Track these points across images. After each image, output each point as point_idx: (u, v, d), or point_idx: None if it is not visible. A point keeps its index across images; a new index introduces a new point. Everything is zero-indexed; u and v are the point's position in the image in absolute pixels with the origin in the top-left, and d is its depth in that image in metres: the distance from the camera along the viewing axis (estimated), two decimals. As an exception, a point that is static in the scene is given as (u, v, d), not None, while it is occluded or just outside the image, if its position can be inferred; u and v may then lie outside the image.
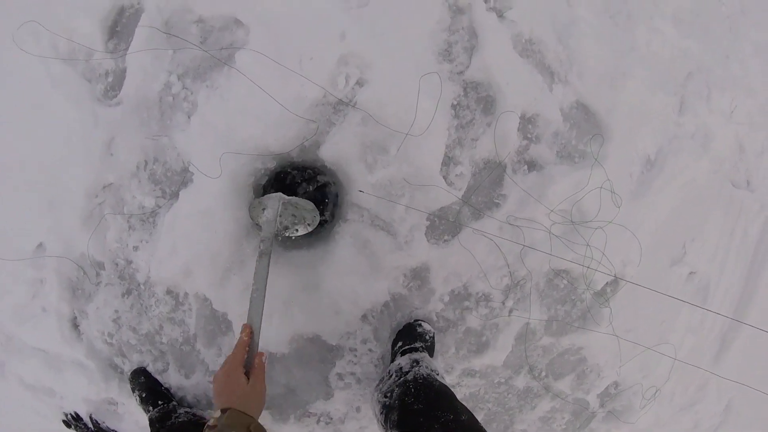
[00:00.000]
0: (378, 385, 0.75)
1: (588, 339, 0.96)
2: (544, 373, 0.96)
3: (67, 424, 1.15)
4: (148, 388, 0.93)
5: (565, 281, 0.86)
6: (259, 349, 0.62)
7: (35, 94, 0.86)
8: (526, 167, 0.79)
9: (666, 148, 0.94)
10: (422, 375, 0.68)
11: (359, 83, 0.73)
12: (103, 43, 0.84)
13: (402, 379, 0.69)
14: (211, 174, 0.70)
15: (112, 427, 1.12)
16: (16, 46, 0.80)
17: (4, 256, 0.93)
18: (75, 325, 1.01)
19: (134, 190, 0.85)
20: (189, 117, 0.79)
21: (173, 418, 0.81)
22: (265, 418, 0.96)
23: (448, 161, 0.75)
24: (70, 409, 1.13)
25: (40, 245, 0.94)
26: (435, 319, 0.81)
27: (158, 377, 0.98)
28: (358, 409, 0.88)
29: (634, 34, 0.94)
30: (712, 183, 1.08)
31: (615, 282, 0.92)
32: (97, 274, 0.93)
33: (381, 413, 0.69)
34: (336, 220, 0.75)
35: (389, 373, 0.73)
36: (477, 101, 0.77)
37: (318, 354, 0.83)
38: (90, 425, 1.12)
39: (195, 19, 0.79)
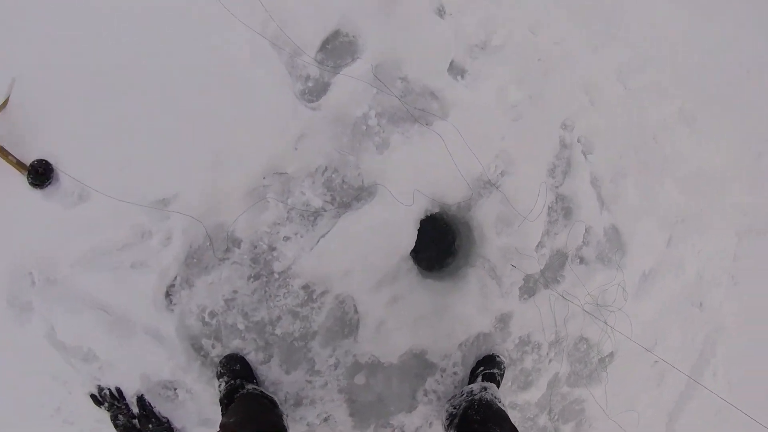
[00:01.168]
0: (450, 399, 1.09)
1: (589, 394, 1.41)
2: (556, 417, 1.38)
3: (97, 400, 1.07)
4: (240, 377, 1.01)
5: (585, 345, 1.31)
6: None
7: (231, 56, 1.07)
8: (579, 260, 1.28)
9: (656, 269, 1.52)
10: (486, 398, 1.09)
11: (503, 173, 1.33)
12: (314, 51, 1.16)
13: (470, 398, 1.05)
14: (405, 202, 1.16)
15: (164, 413, 1.09)
16: (221, 6, 1.03)
17: (112, 191, 1.01)
18: (168, 294, 1.10)
19: (305, 187, 1.15)
20: (377, 148, 1.21)
21: (240, 391, 0.96)
22: (346, 424, 1.14)
23: (540, 244, 1.21)
24: (110, 384, 1.09)
25: (165, 199, 1.05)
26: (506, 354, 1.20)
27: (255, 369, 1.10)
28: (430, 425, 1.29)
29: (654, 186, 1.51)
30: (681, 299, 1.67)
31: (612, 355, 1.40)
32: (227, 249, 1.11)
33: (447, 419, 1.05)
34: (465, 263, 1.15)
35: (462, 392, 1.11)
36: (562, 209, 1.29)
37: (417, 368, 1.22)
38: (134, 407, 1.05)
39: (402, 76, 1.25)
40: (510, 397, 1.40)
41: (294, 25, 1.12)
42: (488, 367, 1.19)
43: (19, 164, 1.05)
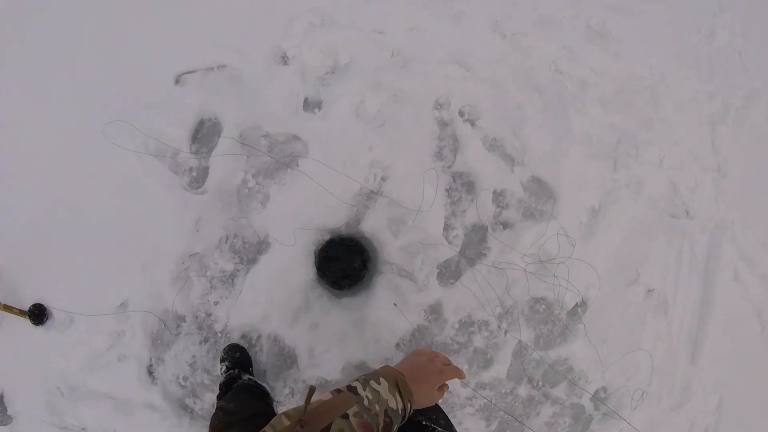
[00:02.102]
0: None
1: (570, 350, 1.35)
2: (540, 383, 1.34)
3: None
4: (239, 364, 1.16)
5: (543, 306, 1.28)
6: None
7: (129, 178, 1.30)
8: (501, 226, 1.27)
9: (606, 199, 1.43)
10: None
11: (383, 179, 1.23)
12: (188, 146, 1.32)
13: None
14: (287, 243, 1.14)
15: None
16: (106, 140, 1.25)
17: (88, 312, 1.29)
18: (150, 372, 1.34)
19: (216, 258, 1.30)
20: (262, 204, 1.25)
21: (237, 382, 1.07)
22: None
23: (447, 227, 1.24)
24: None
25: (124, 303, 1.31)
26: (450, 342, 1.23)
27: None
28: None
29: (569, 120, 1.44)
30: (651, 219, 1.55)
31: (583, 303, 1.33)
32: (178, 326, 1.31)
33: None
34: (373, 273, 1.19)
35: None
36: (462, 185, 1.26)
37: None
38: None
39: (263, 134, 1.36)
40: (473, 378, 1.32)
41: (168, 133, 1.27)
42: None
43: (21, 312, 1.32)
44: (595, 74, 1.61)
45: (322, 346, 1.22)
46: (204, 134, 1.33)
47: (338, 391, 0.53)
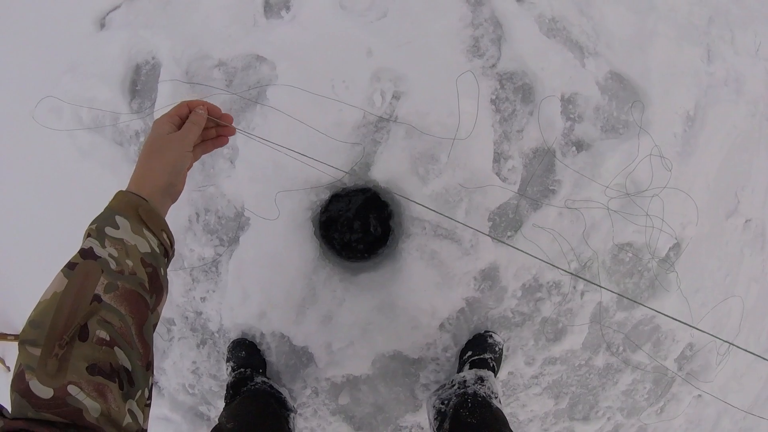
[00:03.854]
0: (437, 390, 0.79)
1: (659, 305, 1.01)
2: (621, 348, 1.00)
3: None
4: (246, 363, 0.91)
5: (629, 254, 0.90)
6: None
7: (65, 165, 0.91)
8: (574, 148, 0.83)
9: (703, 101, 0.98)
10: (482, 394, 0.72)
11: (396, 96, 0.77)
12: (127, 105, 0.88)
13: (462, 390, 0.71)
14: (268, 216, 0.74)
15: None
16: (37, 125, 0.84)
17: None
18: (154, 383, 1.07)
19: (191, 243, 0.87)
20: (232, 162, 0.83)
21: (248, 385, 0.81)
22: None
23: (498, 158, 0.79)
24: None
25: None
26: (511, 315, 0.85)
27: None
28: None
29: None
30: (752, 126, 1.12)
31: (677, 246, 0.97)
32: (168, 331, 0.98)
33: (435, 419, 0.73)
34: (399, 236, 0.79)
35: (452, 382, 0.77)
36: (515, 91, 0.81)
37: (401, 369, 0.87)
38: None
39: (215, 63, 0.81)
40: (541, 354, 0.95)
41: (100, 94, 0.85)
42: (477, 352, 0.85)
43: (15, 338, 1.04)
44: None
45: (341, 341, 0.83)
46: (143, 83, 0.81)
47: (70, 266, 0.36)
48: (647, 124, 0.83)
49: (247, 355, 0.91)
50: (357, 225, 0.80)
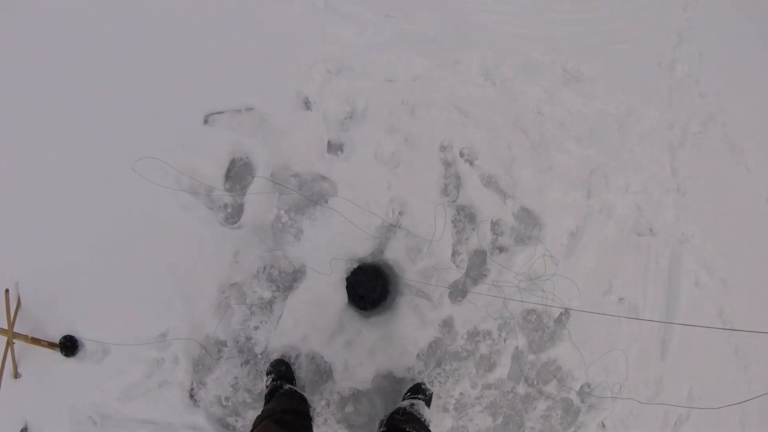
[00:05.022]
0: (384, 414, 1.39)
1: (559, 352, 1.74)
2: (535, 381, 1.72)
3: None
4: (284, 376, 1.46)
5: (534, 316, 1.66)
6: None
7: (165, 214, 1.54)
8: (498, 250, 1.65)
9: (582, 224, 1.85)
10: (411, 411, 1.39)
11: (400, 213, 1.60)
12: (222, 183, 1.63)
13: (397, 407, 1.44)
14: (324, 272, 1.56)
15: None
16: (139, 178, 1.47)
17: (127, 341, 1.50)
18: (192, 395, 1.61)
19: (255, 287, 1.62)
20: (295, 237, 1.62)
21: (281, 390, 1.38)
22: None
23: (454, 253, 1.62)
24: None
25: (164, 332, 1.54)
26: (460, 350, 1.59)
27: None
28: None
29: (551, 156, 1.84)
30: (620, 238, 2.00)
31: (567, 312, 1.72)
32: (219, 351, 1.61)
33: (378, 425, 1.38)
34: (395, 295, 1.52)
35: (394, 408, 1.47)
36: (465, 216, 1.66)
37: (391, 386, 1.61)
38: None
39: (293, 173, 1.69)
40: (480, 380, 1.72)
41: (201, 171, 1.56)
42: (414, 394, 1.50)
43: (50, 345, 1.50)
44: (571, 115, 2.06)
45: (355, 360, 1.60)
46: (236, 173, 1.64)
47: None
48: (543, 237, 1.67)
49: (285, 369, 1.57)
50: (369, 286, 1.51)
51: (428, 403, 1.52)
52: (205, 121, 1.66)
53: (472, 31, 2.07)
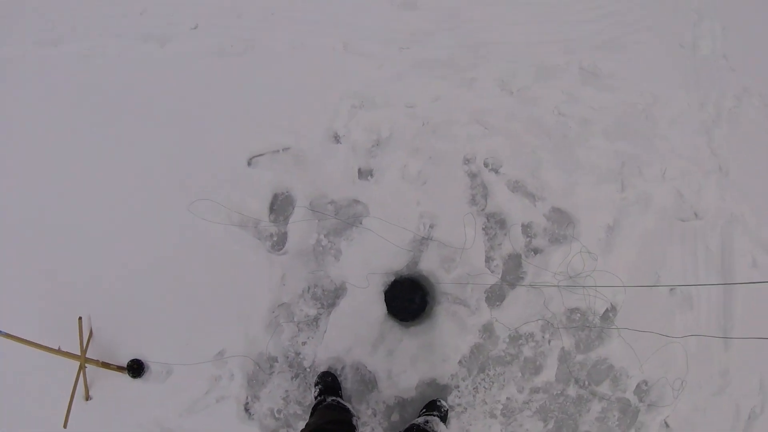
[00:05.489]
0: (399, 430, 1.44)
1: (609, 350, 1.72)
2: (586, 382, 1.70)
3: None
4: (330, 387, 1.55)
5: (578, 315, 1.66)
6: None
7: (219, 246, 1.76)
8: (532, 252, 1.69)
9: (618, 217, 1.82)
10: (425, 429, 1.40)
11: (431, 226, 1.70)
12: (267, 216, 1.82)
13: (411, 424, 1.45)
14: (362, 286, 1.67)
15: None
16: (191, 215, 1.72)
17: (188, 361, 1.67)
18: (246, 409, 1.74)
19: (301, 305, 1.78)
20: (335, 258, 1.75)
21: (324, 402, 1.47)
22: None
23: (488, 259, 1.68)
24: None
25: (221, 351, 1.71)
26: (503, 355, 1.62)
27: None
28: (467, 431, 1.61)
29: (577, 155, 1.86)
30: (663, 226, 1.95)
31: (613, 308, 1.70)
32: (271, 366, 1.75)
33: None
34: (432, 304, 1.60)
35: (409, 424, 1.48)
36: (495, 223, 1.71)
37: (435, 394, 1.65)
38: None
39: (329, 201, 1.86)
40: (527, 384, 1.72)
41: (248, 207, 1.77)
42: (429, 410, 1.54)
43: (119, 368, 1.70)
44: (594, 111, 2.05)
45: (398, 369, 1.67)
46: (279, 205, 1.80)
47: None
48: (578, 234, 1.70)
49: (331, 380, 1.67)
50: (408, 299, 1.60)
51: (443, 419, 1.55)
52: (249, 164, 1.91)
53: (484, 48, 2.15)
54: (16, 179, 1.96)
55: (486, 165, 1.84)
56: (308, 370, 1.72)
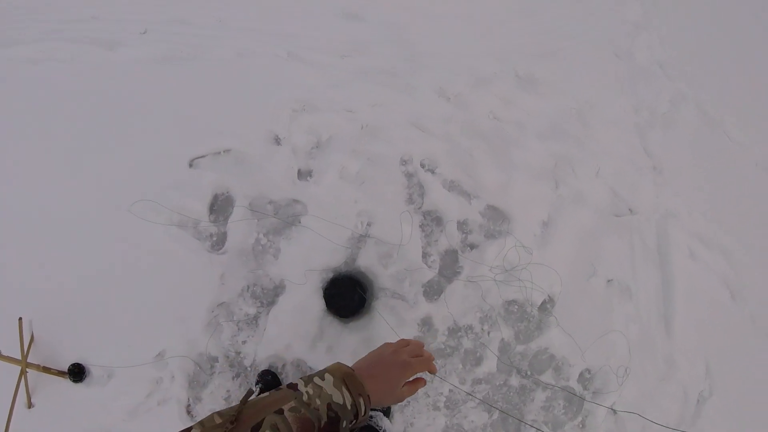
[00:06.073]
0: None
1: (549, 340, 1.76)
2: (529, 372, 1.73)
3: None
4: (271, 385, 1.51)
5: (516, 306, 1.70)
6: None
7: (160, 247, 1.75)
8: (468, 248, 1.73)
9: (553, 213, 1.89)
10: (368, 424, 1.27)
11: (369, 224, 1.73)
12: (207, 216, 1.85)
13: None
14: (299, 282, 1.70)
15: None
16: (135, 217, 1.71)
17: (128, 363, 1.63)
18: (188, 411, 1.71)
19: (241, 304, 1.78)
20: (274, 257, 1.73)
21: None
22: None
23: (425, 255, 1.73)
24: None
25: (161, 352, 1.68)
26: (443, 347, 1.64)
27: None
28: (411, 425, 1.64)
29: (512, 156, 1.94)
30: (598, 221, 2.03)
31: (550, 299, 1.76)
32: (212, 366, 1.74)
33: None
34: (371, 299, 1.63)
35: None
36: (432, 220, 1.77)
37: None
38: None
39: (269, 201, 1.89)
40: (469, 375, 1.74)
41: (189, 207, 1.80)
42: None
43: (60, 373, 1.64)
44: (529, 115, 2.16)
45: None
46: (219, 206, 1.84)
47: (278, 389, 0.57)
48: (512, 230, 1.75)
49: (271, 379, 1.66)
50: (348, 297, 1.63)
51: (387, 413, 1.55)
52: (190, 165, 1.96)
53: (424, 57, 2.28)
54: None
55: (422, 166, 1.90)
56: (249, 369, 1.71)
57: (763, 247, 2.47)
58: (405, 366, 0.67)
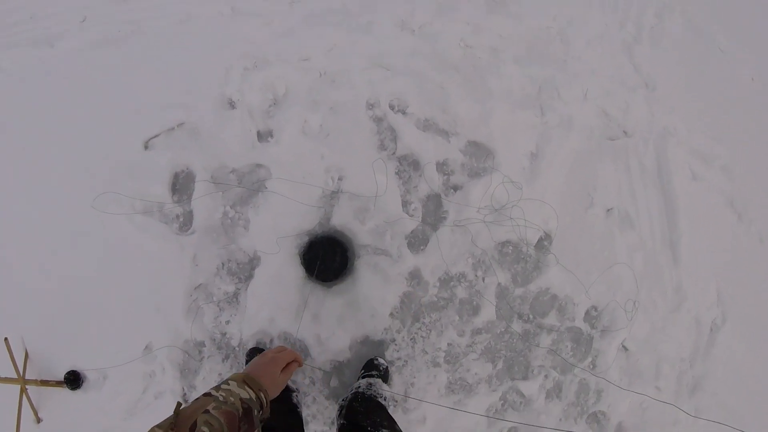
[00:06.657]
0: (343, 397, 1.35)
1: (549, 279, 1.62)
2: (531, 316, 1.60)
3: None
4: None
5: (510, 247, 1.55)
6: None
7: (127, 239, 1.61)
8: (452, 190, 1.55)
9: (541, 142, 1.71)
10: (368, 394, 1.30)
11: (340, 179, 1.56)
12: (170, 197, 1.67)
13: (355, 391, 1.32)
14: (273, 252, 1.53)
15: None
16: (98, 212, 1.57)
17: (117, 363, 1.55)
18: (185, 400, 1.63)
19: (218, 283, 1.63)
20: (245, 228, 1.58)
21: None
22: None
23: (405, 203, 1.55)
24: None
25: (148, 345, 1.58)
26: (436, 300, 1.49)
27: None
28: (412, 384, 1.51)
29: (489, 85, 1.74)
30: (590, 147, 1.85)
31: (547, 236, 1.60)
32: (200, 352, 1.62)
33: (337, 411, 1.30)
34: (353, 258, 1.47)
35: (351, 388, 1.36)
36: (408, 165, 1.60)
37: (371, 351, 1.51)
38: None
39: (230, 170, 1.70)
40: (467, 327, 1.60)
41: (150, 191, 1.61)
42: (368, 371, 1.44)
43: (57, 383, 1.58)
44: (503, 39, 1.93)
45: (327, 332, 1.53)
46: (181, 184, 1.66)
47: (197, 399, 0.71)
48: (498, 165, 1.56)
49: None
50: (328, 258, 1.48)
51: (385, 378, 1.47)
52: (146, 147, 1.76)
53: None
54: None
55: (392, 107, 1.69)
56: (237, 349, 1.59)
57: (763, 163, 2.32)
58: (273, 360, 0.88)
